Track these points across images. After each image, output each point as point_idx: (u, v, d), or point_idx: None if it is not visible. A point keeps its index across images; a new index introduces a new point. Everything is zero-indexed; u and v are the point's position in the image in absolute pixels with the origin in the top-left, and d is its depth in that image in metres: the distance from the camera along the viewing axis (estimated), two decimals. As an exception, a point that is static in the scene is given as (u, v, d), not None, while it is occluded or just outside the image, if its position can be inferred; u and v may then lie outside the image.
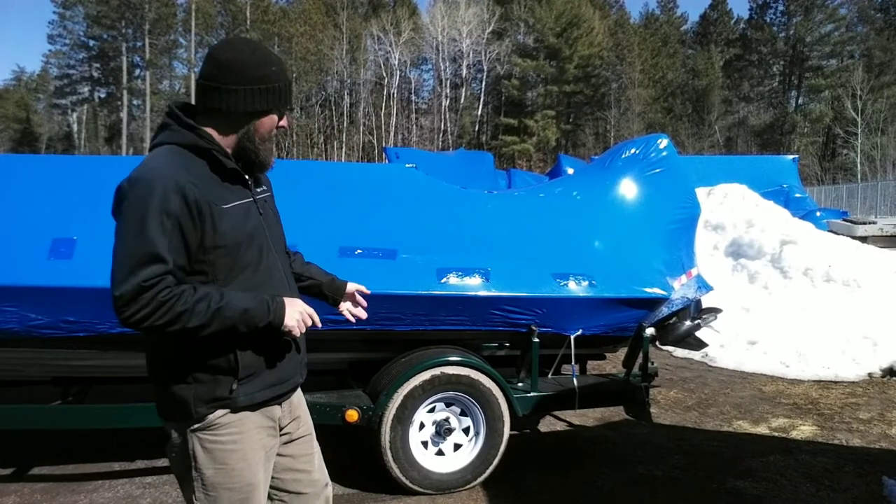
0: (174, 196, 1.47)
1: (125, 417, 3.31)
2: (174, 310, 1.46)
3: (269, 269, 1.66)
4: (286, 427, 1.77)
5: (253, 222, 1.65)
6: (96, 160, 7.48)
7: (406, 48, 50.54)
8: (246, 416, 1.62)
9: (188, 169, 1.55)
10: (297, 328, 1.60)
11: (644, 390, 3.78)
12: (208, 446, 1.60)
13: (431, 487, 3.38)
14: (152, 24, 49.77)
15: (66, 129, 57.67)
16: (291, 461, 1.79)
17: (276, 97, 1.64)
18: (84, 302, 2.88)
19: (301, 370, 1.78)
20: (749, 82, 53.39)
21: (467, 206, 3.68)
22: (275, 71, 1.64)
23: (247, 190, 1.67)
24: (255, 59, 1.62)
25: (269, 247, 1.68)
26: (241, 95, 1.59)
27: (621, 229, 3.73)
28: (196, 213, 1.50)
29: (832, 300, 7.16)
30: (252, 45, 1.67)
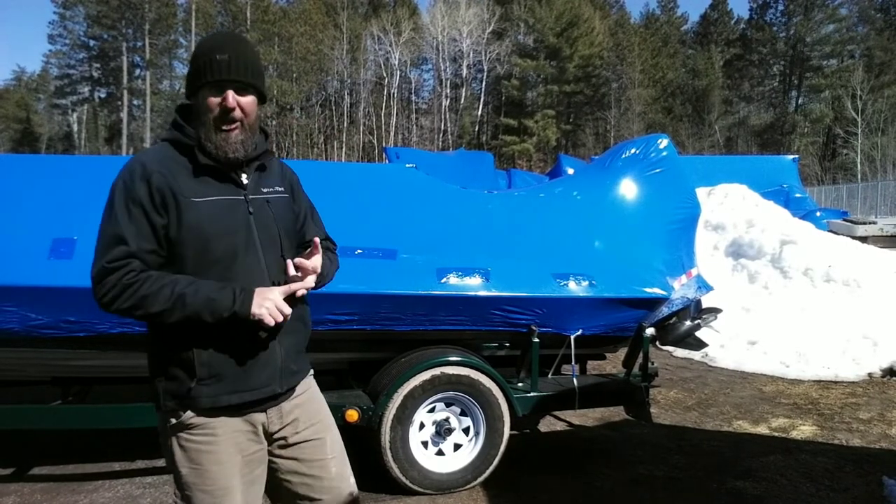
0: (140, 183, 1.53)
1: (125, 417, 3.31)
2: (138, 293, 1.49)
3: (246, 268, 1.59)
4: (279, 432, 1.71)
5: (234, 220, 1.59)
6: (96, 160, 7.48)
7: (406, 48, 50.54)
8: (221, 419, 1.60)
9: (166, 162, 1.58)
10: (266, 316, 1.51)
11: (644, 390, 3.78)
12: (184, 444, 1.61)
13: (431, 487, 3.38)
14: (152, 24, 49.77)
15: (66, 129, 57.68)
16: (297, 464, 1.73)
17: (201, 72, 1.56)
18: (84, 302, 2.86)
19: (280, 380, 1.66)
20: (749, 82, 53.38)
21: (467, 206, 3.68)
22: (201, 50, 1.59)
23: (237, 188, 1.62)
24: (200, 42, 1.62)
25: (250, 247, 1.61)
26: (186, 79, 1.64)
27: (621, 229, 3.73)
28: (160, 201, 1.53)
29: (832, 300, 7.16)
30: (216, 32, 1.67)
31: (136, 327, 3.01)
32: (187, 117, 1.64)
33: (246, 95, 1.60)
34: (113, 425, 3.49)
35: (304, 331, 1.78)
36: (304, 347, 1.79)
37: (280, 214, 1.70)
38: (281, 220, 1.70)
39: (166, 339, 1.59)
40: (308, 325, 1.80)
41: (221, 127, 1.57)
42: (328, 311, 3.07)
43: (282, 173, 1.80)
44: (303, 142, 50.85)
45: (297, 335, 1.73)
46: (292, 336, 1.70)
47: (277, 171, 1.78)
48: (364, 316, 3.22)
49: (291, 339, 1.70)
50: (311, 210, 1.89)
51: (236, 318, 1.51)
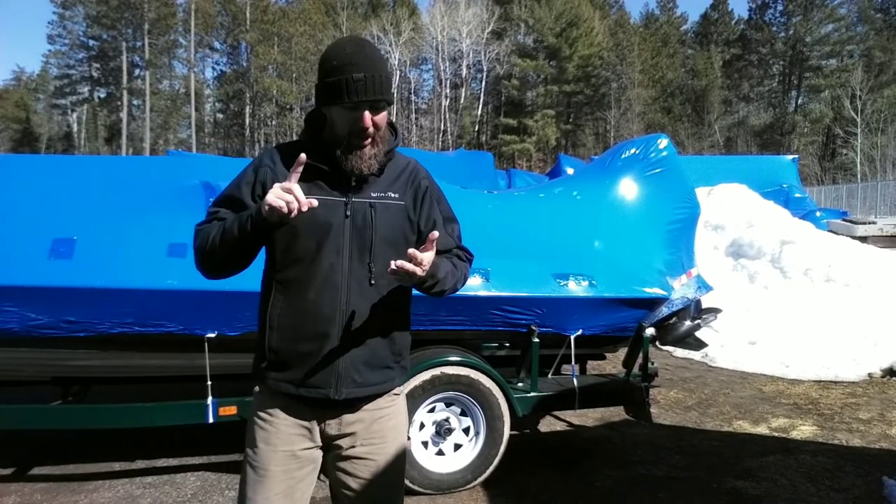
0: (251, 173, 1.68)
1: (125, 417, 3.32)
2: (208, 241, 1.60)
3: (327, 269, 1.60)
4: (336, 440, 1.71)
5: (327, 221, 1.60)
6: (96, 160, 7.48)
7: (406, 48, 50.54)
8: (280, 405, 1.67)
9: (285, 158, 1.67)
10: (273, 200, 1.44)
11: (644, 390, 3.78)
12: (253, 417, 1.72)
13: (431, 487, 3.38)
14: (152, 24, 49.76)
15: (66, 129, 57.66)
16: (346, 478, 1.72)
17: (336, 92, 1.56)
18: (84, 302, 2.88)
19: (336, 387, 1.63)
20: (749, 82, 53.39)
21: (467, 206, 3.67)
22: (336, 65, 1.57)
23: (342, 190, 1.63)
24: (328, 54, 1.62)
25: (336, 249, 1.61)
26: (316, 91, 1.66)
27: (621, 229, 3.73)
28: (261, 191, 1.63)
29: (832, 300, 7.16)
30: (342, 40, 1.65)
31: (136, 327, 3.02)
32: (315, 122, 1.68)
33: (380, 111, 1.61)
34: (113, 425, 3.50)
35: (385, 345, 1.70)
36: (387, 363, 1.71)
37: (383, 221, 1.65)
38: (381, 226, 1.65)
39: (259, 322, 1.70)
40: (395, 340, 1.72)
41: (356, 143, 1.60)
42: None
43: (408, 178, 1.74)
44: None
45: (370, 348, 1.66)
46: (364, 347, 1.65)
47: (399, 176, 1.73)
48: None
49: (362, 349, 1.65)
50: (446, 219, 1.82)
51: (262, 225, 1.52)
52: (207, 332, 3.08)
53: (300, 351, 1.63)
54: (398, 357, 1.75)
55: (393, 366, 1.74)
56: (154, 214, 3.09)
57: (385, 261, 1.59)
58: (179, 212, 3.05)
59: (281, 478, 1.66)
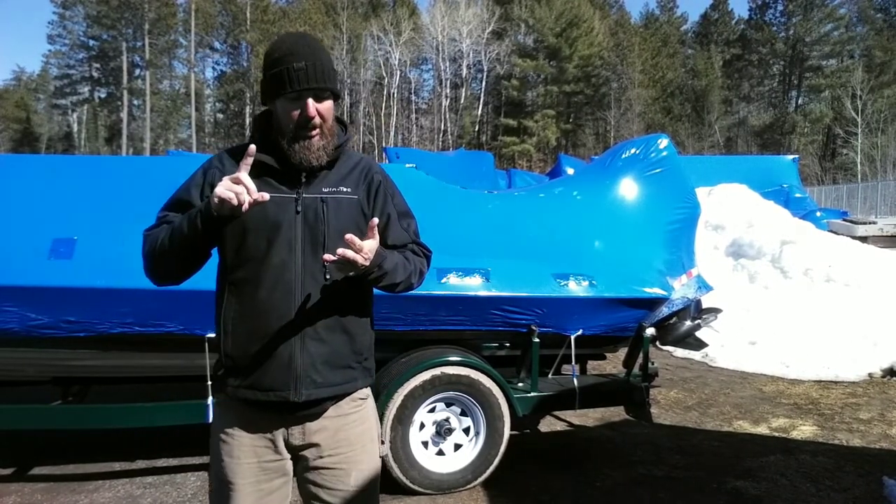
0: (200, 176, 1.66)
1: (125, 417, 3.32)
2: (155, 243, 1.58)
3: (279, 266, 1.57)
4: (302, 450, 1.67)
5: (277, 218, 1.58)
6: (96, 160, 7.48)
7: (406, 48, 50.54)
8: (241, 415, 1.63)
9: (232, 161, 1.64)
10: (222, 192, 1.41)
11: (644, 390, 3.78)
12: (213, 429, 1.68)
13: (432, 487, 3.38)
14: (152, 24, 49.77)
15: (66, 129, 57.66)
16: (316, 489, 1.68)
17: (277, 83, 1.56)
18: (84, 302, 2.88)
19: (296, 388, 1.58)
20: (749, 82, 53.39)
21: (467, 206, 3.68)
22: (277, 57, 1.57)
23: (291, 186, 1.61)
24: (269, 49, 1.62)
25: (287, 245, 1.58)
26: (261, 88, 1.65)
27: (621, 229, 3.73)
28: (209, 191, 1.58)
29: (832, 300, 7.16)
30: (283, 35, 1.66)
31: (136, 327, 3.02)
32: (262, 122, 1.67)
33: (324, 101, 1.59)
34: (113, 425, 3.50)
35: (345, 342, 1.65)
36: (348, 362, 1.66)
37: (336, 215, 1.62)
38: (334, 221, 1.62)
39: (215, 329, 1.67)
40: (355, 337, 1.68)
41: (302, 134, 1.58)
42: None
43: (361, 173, 1.72)
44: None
45: (329, 346, 1.62)
46: (322, 345, 1.61)
47: (352, 171, 1.71)
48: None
49: (320, 347, 1.61)
50: (400, 214, 1.79)
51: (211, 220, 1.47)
52: (207, 332, 3.08)
53: (256, 353, 1.58)
54: (359, 356, 1.70)
55: (355, 366, 1.68)
56: (154, 214, 3.09)
57: None
58: (179, 212, 3.05)
59: (249, 490, 1.61)
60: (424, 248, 1.83)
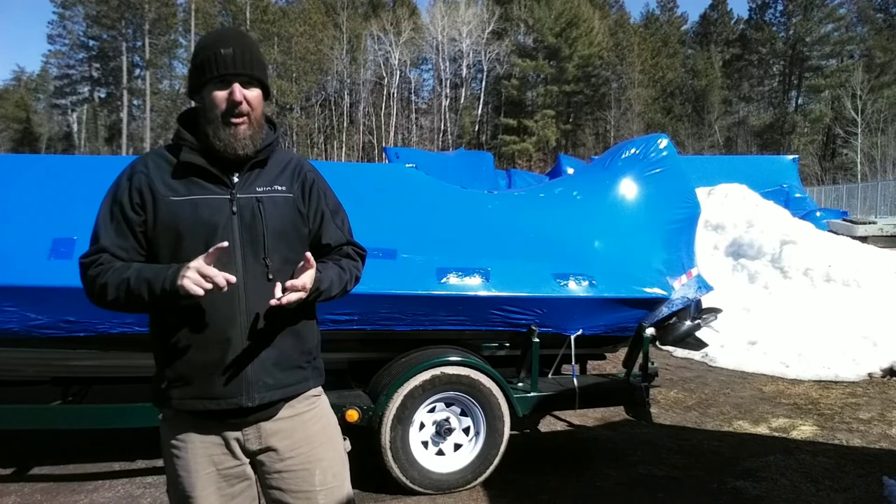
0: (125, 183, 1.59)
1: (125, 417, 3.32)
2: (97, 282, 1.52)
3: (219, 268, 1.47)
4: (259, 454, 1.63)
5: (213, 219, 1.53)
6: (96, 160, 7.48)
7: (406, 48, 50.53)
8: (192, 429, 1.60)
9: (157, 161, 1.60)
10: (192, 286, 1.39)
11: (644, 390, 3.77)
12: (164, 444, 1.64)
13: (431, 487, 3.38)
14: (152, 24, 49.77)
15: (66, 129, 57.63)
16: (281, 494, 1.65)
17: (204, 68, 1.53)
18: (84, 302, 2.86)
19: (248, 394, 1.55)
20: (749, 82, 53.37)
21: (467, 206, 3.68)
22: (203, 45, 1.56)
23: (224, 186, 1.57)
24: (201, 39, 1.60)
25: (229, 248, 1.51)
26: (188, 79, 1.62)
27: (621, 229, 3.73)
28: (138, 199, 1.56)
29: (832, 300, 7.16)
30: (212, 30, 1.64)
31: (136, 327, 3.01)
32: (188, 123, 1.63)
33: (252, 89, 1.57)
34: (113, 425, 3.50)
35: (293, 344, 1.63)
36: (298, 363, 1.65)
37: (273, 214, 1.60)
38: (273, 219, 1.59)
39: (152, 339, 1.63)
40: (303, 338, 1.67)
41: (229, 121, 1.54)
42: (328, 311, 3.07)
43: (293, 171, 1.69)
44: (303, 142, 50.82)
45: (278, 348, 1.60)
46: (271, 348, 1.58)
47: (284, 169, 1.68)
48: (364, 316, 3.22)
49: (269, 350, 1.58)
50: (333, 212, 1.76)
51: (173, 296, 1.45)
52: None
53: (202, 362, 1.54)
54: (308, 356, 1.69)
55: (305, 366, 1.67)
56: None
57: (279, 255, 1.58)
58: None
59: (213, 500, 1.58)
60: (359, 247, 1.81)
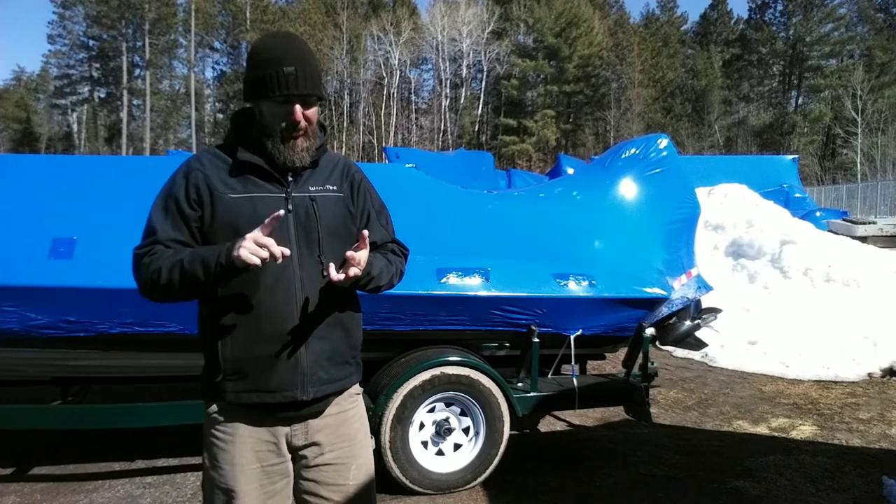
0: (181, 180, 1.62)
1: (125, 417, 3.32)
2: (150, 268, 1.54)
3: (277, 266, 1.55)
4: (303, 450, 1.68)
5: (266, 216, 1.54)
6: (96, 160, 7.48)
7: (406, 48, 50.53)
8: (241, 420, 1.62)
9: (212, 160, 1.64)
10: (248, 256, 1.42)
11: (644, 390, 3.78)
12: (209, 437, 1.65)
13: (431, 487, 3.38)
14: (152, 24, 49.76)
15: (66, 129, 57.63)
16: (315, 486, 1.69)
17: (266, 85, 1.56)
18: (84, 302, 2.88)
19: (304, 387, 1.60)
20: (749, 82, 53.37)
21: (467, 206, 3.68)
22: (266, 59, 1.57)
23: (279, 186, 1.62)
24: (257, 47, 1.61)
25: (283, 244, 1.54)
26: (245, 85, 1.64)
27: (621, 229, 3.73)
28: (195, 195, 1.59)
29: (832, 300, 7.16)
30: (271, 34, 1.64)
31: (136, 327, 3.02)
32: (241, 121, 1.67)
33: (311, 107, 1.61)
34: (113, 425, 3.50)
35: (343, 338, 1.69)
36: (346, 358, 1.71)
37: (326, 213, 1.65)
38: (326, 218, 1.65)
39: (204, 333, 1.65)
40: (351, 333, 1.72)
41: (288, 136, 1.59)
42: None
43: (342, 172, 1.75)
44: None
45: (331, 342, 1.65)
46: (325, 342, 1.63)
47: (334, 169, 1.74)
48: (364, 316, 3.21)
49: (323, 345, 1.63)
50: (378, 211, 1.82)
51: (229, 272, 1.47)
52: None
53: (259, 355, 1.57)
54: (354, 351, 1.74)
55: (350, 361, 1.73)
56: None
57: (333, 252, 1.61)
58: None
59: (254, 495, 1.61)
60: (402, 246, 1.88)
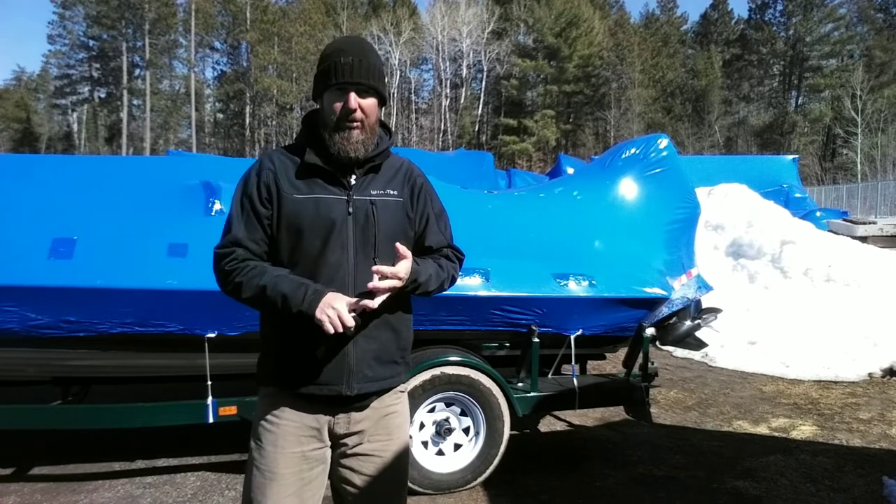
0: (254, 178, 1.68)
1: (125, 417, 3.32)
2: (234, 281, 1.63)
3: (334, 265, 1.63)
4: (344, 438, 1.72)
5: (330, 218, 1.63)
6: (96, 160, 7.49)
7: (406, 48, 50.52)
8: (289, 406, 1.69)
9: (282, 159, 1.70)
10: (326, 323, 1.52)
11: (644, 390, 3.78)
12: (258, 418, 1.72)
13: (431, 487, 3.38)
14: (152, 24, 49.75)
15: (66, 129, 57.63)
16: (351, 474, 1.74)
17: (326, 76, 1.64)
18: (84, 302, 2.88)
19: (349, 383, 1.66)
20: (749, 82, 53.37)
21: (467, 206, 3.68)
22: (328, 53, 1.65)
23: (342, 188, 1.66)
24: (327, 46, 1.68)
25: (340, 246, 1.64)
26: (314, 82, 1.71)
27: (621, 229, 3.73)
28: (266, 193, 1.66)
29: (832, 300, 7.16)
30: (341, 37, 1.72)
31: (136, 327, 3.02)
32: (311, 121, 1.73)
33: (367, 98, 1.66)
34: (113, 425, 3.50)
35: (392, 339, 1.73)
36: (395, 357, 1.75)
37: (385, 217, 1.69)
38: (384, 222, 1.68)
39: (263, 324, 1.74)
40: (401, 334, 1.76)
41: (344, 125, 1.64)
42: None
43: (404, 176, 1.79)
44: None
45: (378, 342, 1.70)
46: (372, 342, 1.68)
47: (396, 174, 1.77)
48: (364, 316, 3.22)
49: (371, 344, 1.68)
50: (437, 216, 1.85)
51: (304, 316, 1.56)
52: (207, 332, 3.08)
53: (311, 349, 1.64)
54: (403, 352, 1.79)
55: (399, 361, 1.77)
56: (154, 214, 3.09)
57: (388, 256, 1.64)
58: (179, 212, 3.05)
59: (291, 480, 1.67)
60: (458, 251, 1.92)
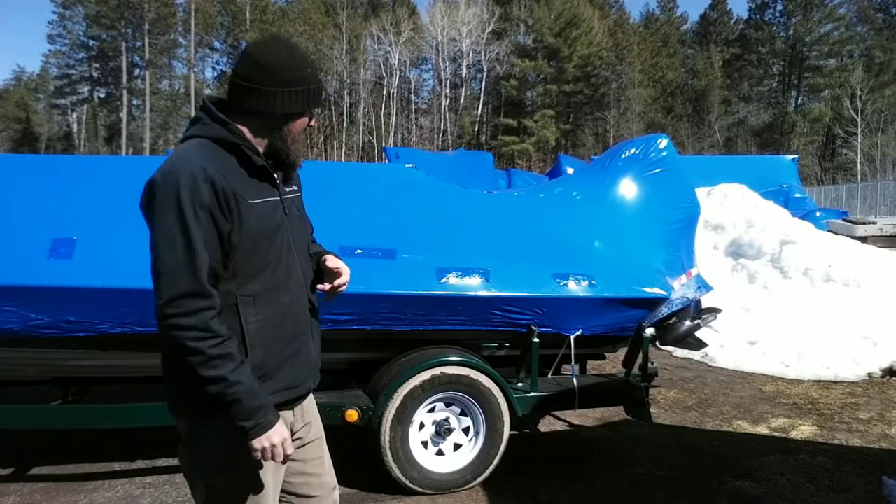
0: (205, 185, 1.45)
1: (125, 417, 3.31)
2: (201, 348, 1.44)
3: (288, 268, 1.65)
4: (298, 432, 1.75)
5: (277, 220, 1.63)
6: (96, 160, 7.49)
7: (406, 48, 50.52)
8: None
9: (217, 161, 1.52)
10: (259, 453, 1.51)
11: (644, 390, 3.77)
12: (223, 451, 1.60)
13: (431, 487, 3.38)
14: (152, 24, 49.75)
15: (66, 129, 57.62)
16: (302, 465, 1.78)
17: (310, 99, 1.66)
18: (84, 302, 2.88)
19: (315, 375, 1.76)
20: (748, 82, 53.37)
21: (467, 206, 3.68)
22: (310, 73, 1.65)
23: (274, 188, 1.65)
24: (294, 62, 1.63)
25: (290, 247, 1.67)
26: (280, 98, 1.59)
27: (621, 229, 3.73)
28: (225, 203, 1.49)
29: (832, 300, 7.16)
30: (290, 47, 1.66)
31: (136, 327, 3.01)
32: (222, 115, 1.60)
33: None
34: (113, 425, 3.49)
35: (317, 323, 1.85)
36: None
37: (300, 213, 1.79)
38: (301, 218, 1.79)
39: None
40: None
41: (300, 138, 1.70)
42: (328, 311, 3.06)
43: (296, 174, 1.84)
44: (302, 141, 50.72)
45: (318, 329, 1.81)
46: (317, 330, 1.79)
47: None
48: (364, 316, 3.22)
49: (318, 333, 1.80)
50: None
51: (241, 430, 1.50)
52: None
53: (285, 356, 1.64)
54: None
55: None
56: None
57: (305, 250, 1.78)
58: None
59: (274, 489, 1.68)
60: None
